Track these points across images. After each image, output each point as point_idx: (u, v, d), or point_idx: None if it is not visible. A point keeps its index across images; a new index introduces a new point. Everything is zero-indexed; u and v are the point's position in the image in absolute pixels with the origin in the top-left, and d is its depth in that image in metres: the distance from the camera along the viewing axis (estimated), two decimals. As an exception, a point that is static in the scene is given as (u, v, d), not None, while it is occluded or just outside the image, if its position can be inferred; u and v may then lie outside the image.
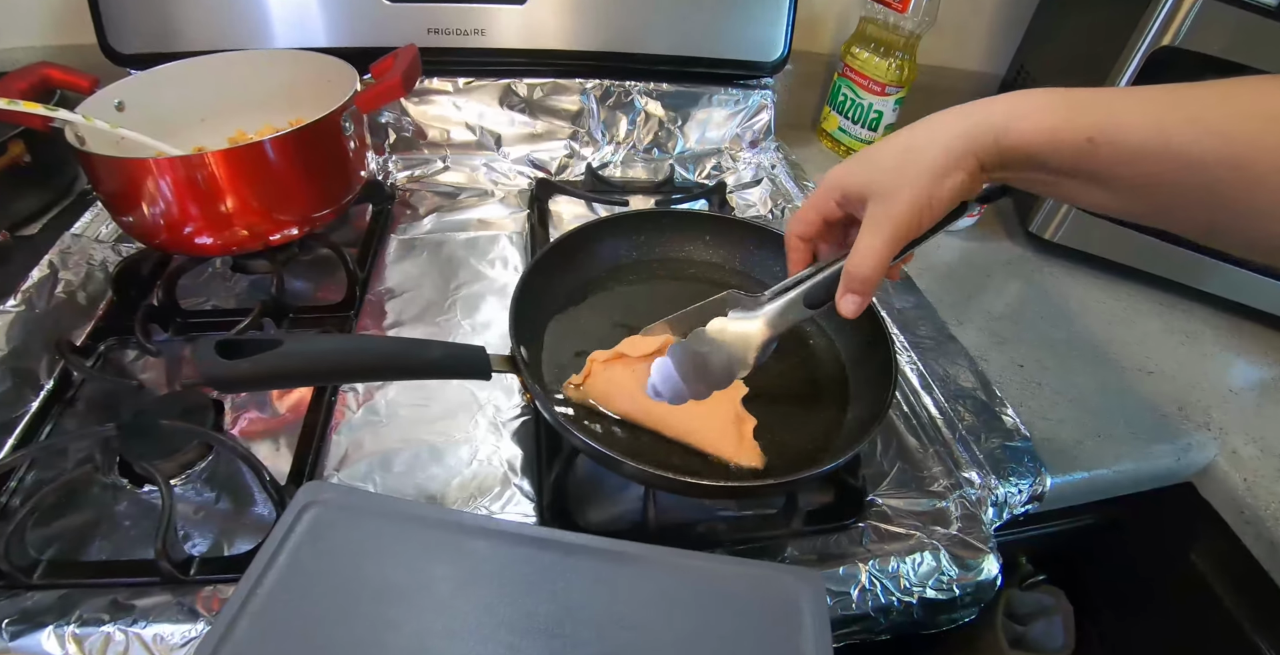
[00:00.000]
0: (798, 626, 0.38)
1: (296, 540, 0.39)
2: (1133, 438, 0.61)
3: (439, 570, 0.38)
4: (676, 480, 0.41)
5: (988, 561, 0.49)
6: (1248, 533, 0.60)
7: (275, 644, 0.34)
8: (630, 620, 0.37)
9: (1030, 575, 0.71)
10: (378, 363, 0.42)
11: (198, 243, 0.59)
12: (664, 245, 0.60)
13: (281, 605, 0.36)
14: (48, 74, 0.63)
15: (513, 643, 0.35)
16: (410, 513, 0.42)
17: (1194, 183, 0.32)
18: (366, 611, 0.36)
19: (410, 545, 0.40)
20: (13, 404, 0.53)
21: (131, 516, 0.48)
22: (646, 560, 0.40)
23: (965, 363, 0.62)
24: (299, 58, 0.69)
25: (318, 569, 0.38)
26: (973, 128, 0.36)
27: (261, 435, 0.53)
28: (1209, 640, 0.68)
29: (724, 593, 0.40)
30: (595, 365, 0.50)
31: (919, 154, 0.38)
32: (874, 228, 0.39)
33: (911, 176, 0.37)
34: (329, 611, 0.36)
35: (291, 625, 0.35)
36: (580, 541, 0.41)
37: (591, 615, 0.37)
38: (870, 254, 0.39)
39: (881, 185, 0.39)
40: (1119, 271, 0.79)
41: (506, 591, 0.38)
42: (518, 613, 0.37)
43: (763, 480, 0.43)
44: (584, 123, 0.83)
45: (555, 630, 0.36)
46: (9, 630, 0.40)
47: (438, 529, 0.40)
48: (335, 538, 0.40)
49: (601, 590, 0.38)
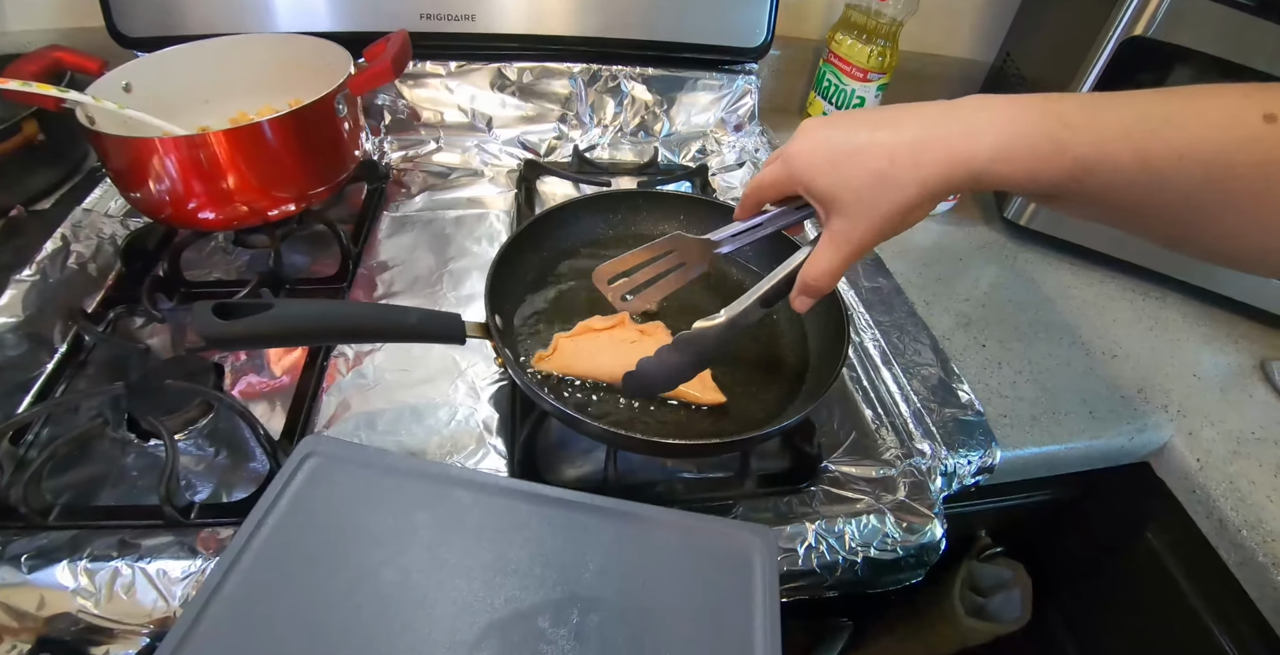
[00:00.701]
0: (749, 576, 0.42)
1: (297, 486, 0.42)
2: (1089, 417, 0.63)
3: (424, 516, 0.42)
4: (634, 437, 0.44)
5: (932, 527, 0.52)
6: (1199, 512, 0.62)
7: (275, 576, 0.38)
8: (594, 565, 0.40)
9: (988, 547, 0.74)
10: (359, 326, 0.45)
11: (201, 217, 0.63)
12: (640, 223, 0.63)
13: (281, 543, 0.40)
14: (58, 57, 0.66)
15: (488, 580, 0.39)
16: (399, 465, 0.45)
17: (1173, 204, 0.33)
18: (358, 551, 0.40)
19: (399, 493, 0.43)
20: (29, 366, 0.57)
21: (138, 468, 0.51)
22: (611, 512, 0.44)
23: (927, 341, 0.65)
24: (297, 41, 0.72)
25: (315, 512, 0.42)
26: (955, 170, 0.35)
27: (259, 396, 0.57)
28: (1162, 616, 0.70)
29: (682, 543, 0.43)
30: (561, 340, 0.53)
31: (895, 187, 0.36)
32: (833, 244, 0.39)
33: (883, 209, 0.37)
34: (324, 550, 0.40)
35: (290, 561, 0.39)
36: (553, 494, 0.44)
37: (559, 559, 0.40)
38: (828, 268, 0.40)
39: (848, 206, 0.38)
40: (1094, 258, 0.81)
41: (484, 536, 0.41)
42: (493, 554, 0.40)
43: (716, 439, 0.46)
44: (573, 106, 0.86)
45: (526, 570, 0.39)
46: (27, 564, 0.44)
47: (424, 479, 0.44)
48: (331, 485, 0.43)
49: (569, 537, 0.42)
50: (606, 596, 0.39)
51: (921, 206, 0.37)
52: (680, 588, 0.41)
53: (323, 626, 0.36)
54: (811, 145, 0.39)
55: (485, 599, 0.38)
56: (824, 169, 0.38)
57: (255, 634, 0.36)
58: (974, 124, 0.35)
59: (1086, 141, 0.33)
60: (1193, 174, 0.31)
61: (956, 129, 0.35)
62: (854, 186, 0.37)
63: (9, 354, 0.58)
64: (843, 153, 0.38)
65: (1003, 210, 0.83)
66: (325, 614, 0.37)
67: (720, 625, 0.39)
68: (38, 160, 0.74)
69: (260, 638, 0.36)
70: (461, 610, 0.37)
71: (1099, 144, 0.32)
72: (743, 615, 0.39)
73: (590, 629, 0.37)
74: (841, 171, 0.38)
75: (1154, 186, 0.32)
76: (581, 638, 0.37)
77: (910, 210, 0.37)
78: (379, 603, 0.38)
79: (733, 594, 0.41)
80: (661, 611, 0.39)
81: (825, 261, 0.40)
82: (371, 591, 0.38)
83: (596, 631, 0.37)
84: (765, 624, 0.39)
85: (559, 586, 0.39)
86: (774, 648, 0.38)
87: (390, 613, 0.37)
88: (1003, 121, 0.34)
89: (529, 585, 0.39)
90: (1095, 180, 0.33)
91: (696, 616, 0.39)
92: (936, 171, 0.35)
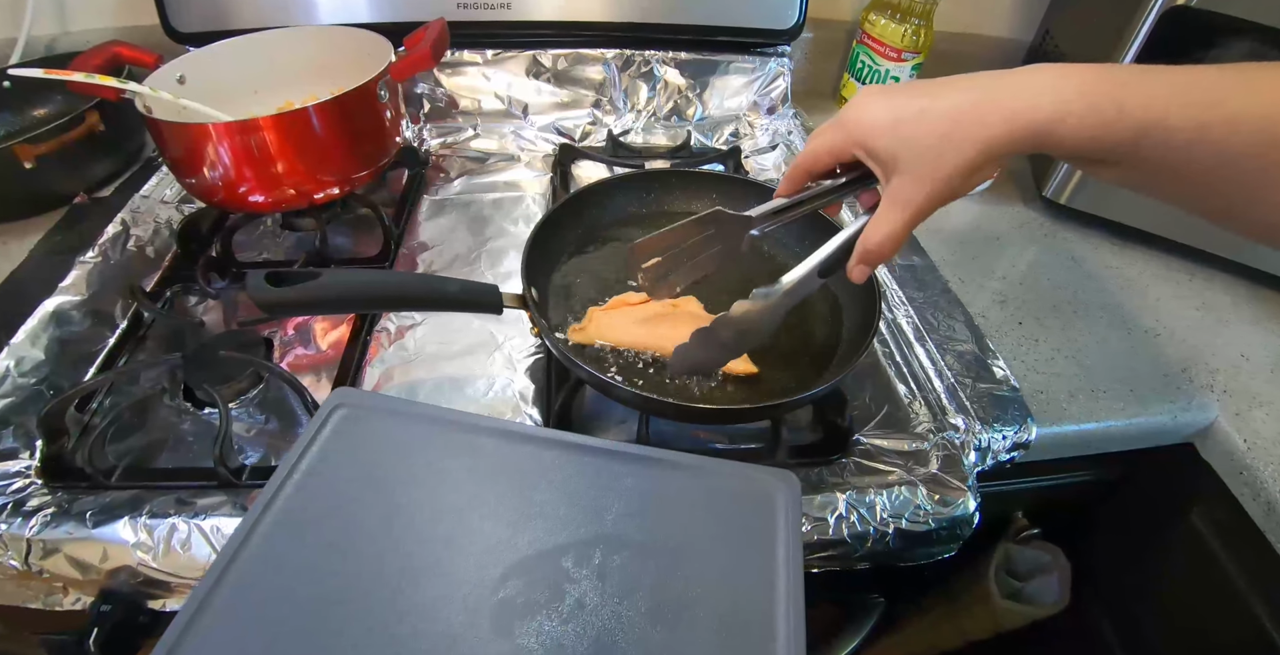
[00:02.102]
0: (772, 517, 0.41)
1: (327, 434, 0.44)
2: (1129, 395, 0.62)
3: (451, 462, 0.43)
4: (666, 402, 0.45)
5: (965, 500, 0.51)
6: (1245, 494, 0.60)
7: (306, 518, 0.40)
8: (618, 507, 0.41)
9: (1025, 529, 0.73)
10: (402, 294, 0.47)
11: (251, 200, 0.66)
12: (672, 202, 0.64)
13: (314, 489, 0.41)
14: (117, 52, 0.70)
15: (513, 522, 0.39)
16: (429, 414, 0.46)
17: (1224, 175, 0.33)
18: (387, 494, 0.41)
19: (427, 441, 0.44)
20: (93, 340, 0.61)
21: (194, 434, 0.54)
22: (636, 457, 0.44)
23: (962, 318, 0.64)
24: (340, 33, 0.75)
25: (344, 459, 0.43)
26: (1018, 131, 0.35)
27: (306, 368, 0.59)
28: (1205, 600, 0.68)
29: (706, 486, 0.43)
30: (595, 313, 0.54)
31: (958, 148, 0.36)
32: (897, 207, 0.39)
33: (946, 170, 0.37)
34: (353, 493, 0.41)
35: (320, 505, 0.40)
36: (579, 441, 0.45)
37: (583, 502, 0.41)
38: (889, 232, 0.39)
39: (911, 166, 0.38)
40: (1137, 237, 0.79)
41: (510, 480, 0.42)
42: (519, 498, 0.41)
43: (747, 404, 0.47)
44: (606, 92, 0.87)
45: (550, 513, 0.40)
46: (91, 519, 0.47)
47: (453, 428, 0.45)
48: (361, 433, 0.44)
49: (594, 481, 0.42)
50: (630, 537, 0.39)
51: (983, 168, 0.37)
52: (703, 528, 0.41)
53: (351, 566, 0.37)
54: (873, 109, 0.39)
55: (510, 540, 0.39)
56: (885, 130, 0.38)
57: (286, 571, 0.37)
58: (1034, 86, 0.35)
59: (1143, 105, 0.33)
60: (1244, 143, 0.31)
61: (1018, 91, 0.35)
62: (917, 147, 0.37)
63: (74, 329, 0.61)
64: (904, 115, 0.38)
65: (1041, 189, 0.82)
66: (353, 554, 0.38)
67: (743, 564, 0.39)
68: (99, 150, 0.77)
69: (290, 576, 0.37)
70: (487, 550, 0.38)
71: (1156, 108, 0.32)
72: (766, 555, 0.39)
73: (613, 568, 0.38)
74: (903, 132, 0.38)
75: (1207, 154, 0.32)
76: (604, 576, 0.37)
77: (972, 171, 0.37)
78: (407, 543, 0.39)
79: (755, 534, 0.41)
80: (684, 551, 0.39)
81: (887, 224, 0.39)
82: (399, 533, 0.39)
83: (619, 570, 0.38)
84: (788, 564, 0.39)
85: (583, 528, 0.40)
86: (796, 586, 0.38)
87: (418, 553, 0.38)
88: (1063, 83, 0.34)
89: (553, 527, 0.40)
90: (1151, 143, 0.33)
91: (719, 556, 0.40)
92: (1000, 131, 0.35)
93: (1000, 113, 0.35)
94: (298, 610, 0.36)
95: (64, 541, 0.46)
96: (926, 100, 0.37)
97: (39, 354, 0.58)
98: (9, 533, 0.46)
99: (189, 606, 0.35)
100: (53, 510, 0.47)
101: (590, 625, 0.35)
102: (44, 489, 0.49)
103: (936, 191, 0.38)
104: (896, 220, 0.39)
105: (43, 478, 0.50)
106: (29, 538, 0.46)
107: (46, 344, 0.59)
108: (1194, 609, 0.70)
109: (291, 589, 0.36)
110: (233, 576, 0.36)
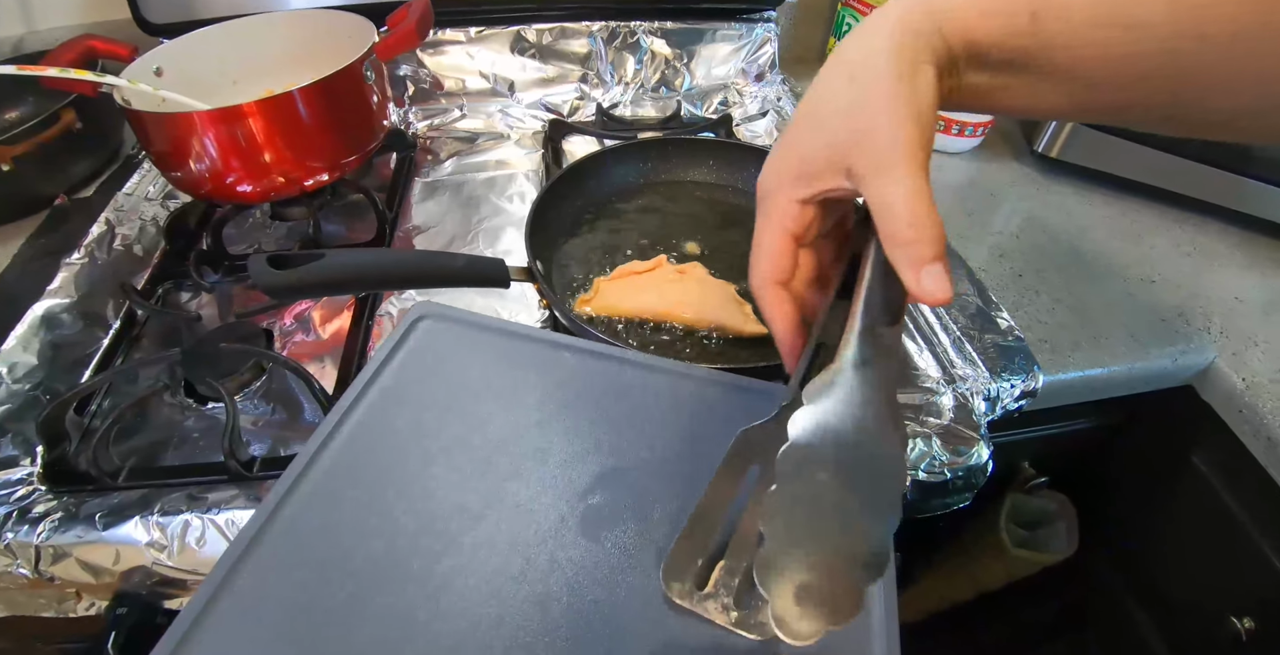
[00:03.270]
0: None
1: (409, 346, 0.42)
2: (1130, 340, 0.63)
3: (534, 376, 0.42)
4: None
5: (978, 449, 0.52)
6: (1246, 431, 0.61)
7: (388, 426, 0.39)
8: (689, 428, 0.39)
9: (1032, 478, 0.74)
10: (409, 271, 0.46)
11: (239, 191, 0.64)
12: (669, 170, 0.64)
13: (393, 399, 0.40)
14: (91, 45, 0.67)
15: (598, 436, 0.38)
16: (508, 329, 0.45)
17: (1149, 59, 0.29)
18: (472, 403, 0.40)
19: (510, 353, 0.43)
20: (86, 342, 0.59)
21: (199, 430, 0.53)
22: (726, 385, 0.42)
23: (963, 271, 0.65)
24: (318, 17, 0.73)
25: (427, 367, 0.42)
26: (912, 20, 0.30)
27: (308, 356, 0.58)
28: (1211, 539, 0.70)
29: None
30: (602, 284, 0.54)
31: (871, 72, 0.30)
32: (891, 178, 0.29)
33: (882, 101, 0.29)
34: (438, 401, 0.40)
35: (403, 411, 0.39)
36: (659, 363, 0.43)
37: (658, 415, 0.40)
38: (908, 202, 0.28)
39: (854, 136, 0.30)
40: (1128, 188, 0.79)
41: (594, 396, 0.40)
42: (601, 413, 0.39)
43: (758, 363, 0.46)
44: (593, 65, 0.86)
45: (636, 431, 0.39)
46: (101, 521, 0.46)
47: (533, 342, 0.44)
48: (444, 344, 0.43)
49: (680, 404, 0.40)
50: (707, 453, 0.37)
51: (916, 72, 0.29)
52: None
53: (436, 470, 0.37)
54: (775, 150, 0.33)
55: (595, 451, 0.38)
56: (803, 140, 0.32)
57: (367, 472, 0.36)
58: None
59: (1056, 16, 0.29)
60: (1161, 10, 0.27)
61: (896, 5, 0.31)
62: (840, 115, 0.30)
63: (66, 332, 0.60)
64: (806, 108, 0.32)
65: (1032, 144, 0.82)
66: (438, 459, 0.37)
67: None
68: (78, 148, 0.76)
69: (371, 479, 0.36)
70: (574, 459, 0.37)
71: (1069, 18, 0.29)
72: None
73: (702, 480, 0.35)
74: (819, 118, 0.31)
75: (1119, 27, 0.28)
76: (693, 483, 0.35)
77: (906, 81, 0.29)
78: (491, 451, 0.38)
79: None
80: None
81: (900, 201, 0.28)
82: (483, 441, 0.38)
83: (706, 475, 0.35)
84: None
85: (665, 447, 0.38)
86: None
87: (502, 461, 0.37)
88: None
89: (637, 443, 0.38)
90: (1056, 22, 0.29)
91: None
92: (889, 29, 0.30)
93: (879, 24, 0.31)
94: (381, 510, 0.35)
95: (74, 546, 0.45)
96: (818, 78, 0.32)
97: (32, 359, 0.57)
98: (16, 541, 0.45)
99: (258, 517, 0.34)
100: (60, 515, 0.46)
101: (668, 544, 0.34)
102: (48, 494, 0.48)
103: (899, 139, 0.29)
104: (904, 184, 0.29)
105: (46, 483, 0.49)
106: (37, 544, 0.45)
107: (39, 349, 0.58)
108: (1200, 549, 0.72)
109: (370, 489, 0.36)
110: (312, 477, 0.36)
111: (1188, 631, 0.74)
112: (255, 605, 0.31)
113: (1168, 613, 0.77)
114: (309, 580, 0.32)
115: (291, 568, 0.32)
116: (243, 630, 0.30)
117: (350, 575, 0.32)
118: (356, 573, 0.32)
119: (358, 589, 0.32)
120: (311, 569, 0.32)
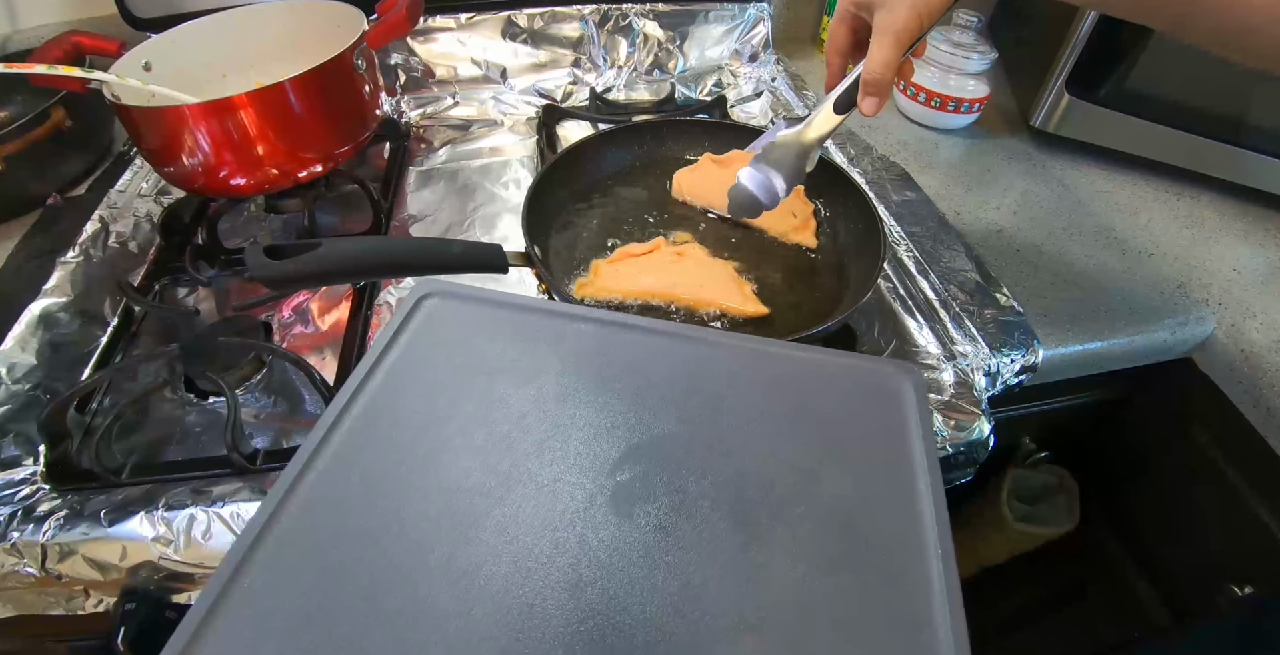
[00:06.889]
0: (901, 415, 0.38)
1: (414, 325, 0.41)
2: (1129, 314, 0.63)
3: (548, 348, 0.40)
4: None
5: (980, 423, 0.52)
6: (1245, 401, 0.62)
7: (397, 408, 0.37)
8: (730, 400, 0.38)
9: (1033, 453, 0.74)
10: (407, 259, 0.46)
11: (233, 184, 0.64)
12: (664, 152, 0.63)
13: (401, 381, 0.38)
14: (78, 41, 0.66)
15: (622, 409, 0.37)
16: (518, 303, 0.43)
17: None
18: (485, 381, 0.38)
19: (522, 327, 0.41)
20: (84, 341, 0.59)
21: (200, 424, 0.53)
22: (740, 348, 0.41)
23: (961, 248, 0.65)
24: (308, 6, 0.72)
25: (436, 346, 0.40)
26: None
27: (308, 348, 0.58)
28: (1212, 509, 0.70)
29: (821, 378, 0.39)
30: (600, 266, 0.54)
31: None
32: (880, 37, 0.45)
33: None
34: (449, 380, 0.38)
35: (412, 396, 0.38)
36: (679, 329, 0.42)
37: (685, 385, 0.38)
38: (881, 59, 0.45)
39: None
40: (1124, 161, 0.79)
41: (614, 367, 0.39)
42: (623, 385, 0.38)
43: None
44: (585, 49, 0.85)
45: (662, 400, 0.37)
46: (106, 518, 0.46)
47: (546, 315, 0.42)
48: (450, 323, 0.41)
49: (703, 372, 0.39)
50: (740, 425, 0.37)
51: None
52: (823, 419, 0.38)
53: (452, 452, 0.35)
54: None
55: (621, 425, 0.36)
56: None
57: (378, 456, 0.35)
58: None
59: None
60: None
61: None
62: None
63: (64, 331, 0.60)
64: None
65: (1028, 119, 0.82)
66: (454, 440, 0.36)
67: (872, 463, 0.36)
68: (68, 147, 0.75)
69: (382, 463, 0.35)
70: (599, 434, 0.36)
71: None
72: (898, 457, 0.36)
73: (730, 464, 0.35)
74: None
75: None
76: (723, 469, 0.35)
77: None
78: (510, 428, 0.36)
79: (883, 433, 0.37)
80: (802, 438, 0.37)
81: (878, 53, 0.45)
82: (501, 418, 0.36)
83: (740, 446, 0.35)
84: (926, 468, 0.36)
85: (696, 418, 0.37)
86: (938, 493, 0.35)
87: (522, 439, 0.36)
88: None
89: (667, 414, 0.37)
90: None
91: (838, 443, 0.37)
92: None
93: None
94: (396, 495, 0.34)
95: (80, 543, 0.45)
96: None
97: (30, 359, 0.57)
98: (22, 540, 0.45)
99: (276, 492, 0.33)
100: (65, 513, 0.47)
101: (709, 519, 0.33)
102: (53, 493, 0.48)
103: (912, 15, 0.44)
104: (886, 44, 0.45)
105: (50, 482, 0.49)
106: (44, 543, 0.45)
107: (37, 348, 0.58)
108: (1200, 519, 0.72)
109: (384, 473, 0.35)
110: (324, 459, 0.35)
111: (1188, 600, 0.75)
112: (268, 598, 0.30)
113: (1169, 582, 0.77)
114: (323, 571, 0.31)
115: (302, 560, 0.31)
116: (257, 622, 0.29)
117: (365, 564, 0.31)
118: (372, 562, 0.31)
119: (374, 578, 0.30)
120: (324, 560, 0.31)
